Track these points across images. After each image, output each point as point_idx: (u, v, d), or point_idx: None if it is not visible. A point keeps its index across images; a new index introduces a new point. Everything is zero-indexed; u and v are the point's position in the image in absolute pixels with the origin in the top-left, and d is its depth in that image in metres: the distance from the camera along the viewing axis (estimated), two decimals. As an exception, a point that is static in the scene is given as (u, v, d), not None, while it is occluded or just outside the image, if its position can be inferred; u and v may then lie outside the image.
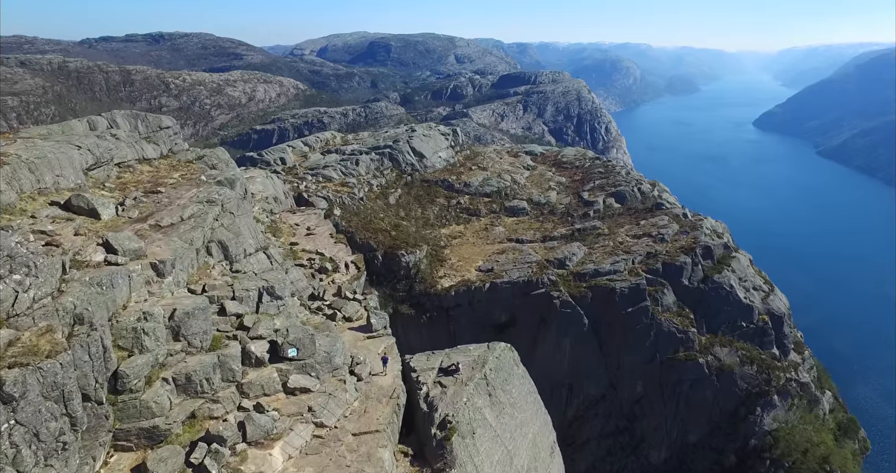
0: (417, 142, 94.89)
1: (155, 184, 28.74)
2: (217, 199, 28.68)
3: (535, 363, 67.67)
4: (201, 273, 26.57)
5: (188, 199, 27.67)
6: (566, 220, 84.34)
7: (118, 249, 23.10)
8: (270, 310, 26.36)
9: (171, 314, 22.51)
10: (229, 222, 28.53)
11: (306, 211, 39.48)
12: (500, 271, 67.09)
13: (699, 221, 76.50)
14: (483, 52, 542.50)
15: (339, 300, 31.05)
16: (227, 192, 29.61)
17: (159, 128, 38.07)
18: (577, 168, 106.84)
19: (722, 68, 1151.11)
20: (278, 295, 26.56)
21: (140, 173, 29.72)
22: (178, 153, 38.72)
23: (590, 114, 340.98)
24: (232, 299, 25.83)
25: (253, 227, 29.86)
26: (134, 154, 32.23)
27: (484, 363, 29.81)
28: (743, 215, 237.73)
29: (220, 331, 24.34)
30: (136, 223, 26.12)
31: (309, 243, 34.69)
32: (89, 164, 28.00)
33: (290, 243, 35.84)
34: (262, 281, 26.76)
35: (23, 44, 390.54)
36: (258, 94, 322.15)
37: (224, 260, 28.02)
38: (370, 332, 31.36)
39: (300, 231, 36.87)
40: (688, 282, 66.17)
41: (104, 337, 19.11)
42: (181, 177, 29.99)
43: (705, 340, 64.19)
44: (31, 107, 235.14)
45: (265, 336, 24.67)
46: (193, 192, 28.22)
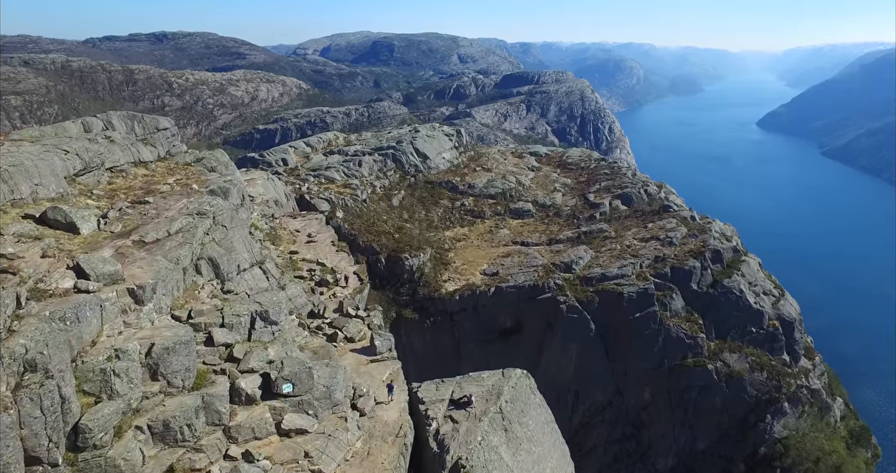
0: (421, 143, 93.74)
1: (146, 191, 27.07)
2: (208, 211, 26.50)
3: (540, 368, 66.58)
4: (188, 296, 24.35)
5: (177, 210, 25.72)
6: (572, 222, 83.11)
7: (90, 273, 20.64)
8: (264, 337, 23.99)
9: (148, 350, 19.85)
10: (221, 236, 26.51)
11: (307, 216, 37.95)
12: (505, 275, 65.90)
13: (707, 224, 75.18)
14: (486, 51, 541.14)
15: (341, 318, 28.83)
16: (220, 202, 27.50)
17: (156, 129, 36.94)
18: (583, 169, 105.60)
19: (726, 68, 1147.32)
20: (273, 320, 24.19)
21: (133, 178, 28.28)
22: (175, 156, 37.60)
23: (593, 114, 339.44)
24: (221, 326, 23.41)
25: (248, 240, 27.98)
26: (129, 157, 31.08)
27: (499, 393, 27.09)
28: (747, 216, 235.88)
29: (207, 364, 21.92)
30: (119, 239, 24.06)
31: (309, 251, 33.09)
32: (77, 169, 26.38)
33: (289, 251, 34.11)
34: (256, 304, 24.47)
35: (27, 43, 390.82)
36: (261, 93, 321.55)
37: (215, 279, 25.87)
38: (374, 355, 28.97)
39: (301, 238, 35.24)
40: (697, 287, 64.88)
41: (63, 385, 16.45)
42: (176, 182, 28.46)
43: (714, 346, 62.89)
44: (34, 106, 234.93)
45: (257, 369, 22.17)
46: (183, 203, 26.34)
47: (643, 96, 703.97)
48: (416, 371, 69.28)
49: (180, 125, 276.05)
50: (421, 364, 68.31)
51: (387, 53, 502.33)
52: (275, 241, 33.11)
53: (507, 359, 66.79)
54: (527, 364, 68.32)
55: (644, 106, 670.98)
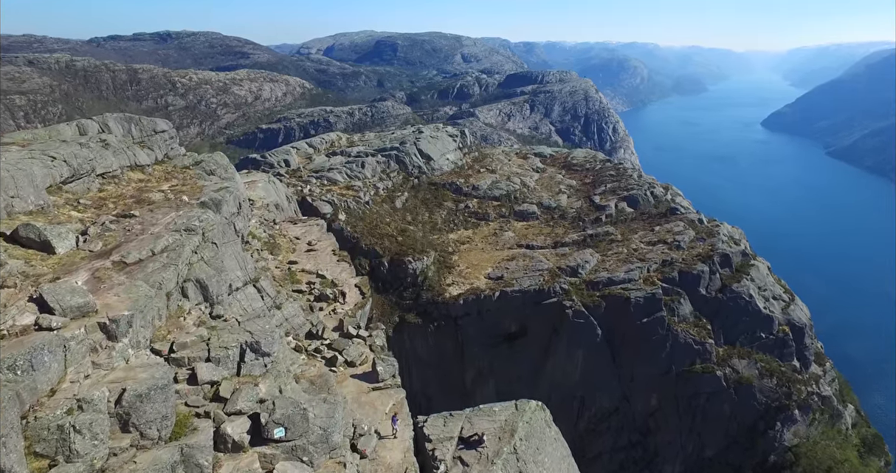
0: (425, 144, 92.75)
1: (137, 199, 25.50)
2: (197, 226, 24.28)
3: (545, 373, 65.70)
4: (172, 324, 21.95)
5: (164, 226, 23.72)
6: (577, 225, 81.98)
7: (55, 306, 17.90)
8: (255, 370, 21.39)
9: (119, 397, 16.99)
10: (211, 254, 24.23)
11: (308, 221, 36.66)
12: (510, 279, 64.85)
13: (715, 227, 73.94)
14: (489, 51, 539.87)
15: (341, 340, 26.68)
16: (211, 216, 25.14)
17: (154, 132, 35.98)
18: (588, 171, 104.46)
19: (730, 68, 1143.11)
20: (265, 351, 21.56)
21: (126, 184, 26.99)
22: (173, 158, 36.63)
23: (597, 114, 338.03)
24: (206, 360, 20.80)
25: (241, 256, 26.09)
26: (125, 161, 30.07)
27: (513, 430, 24.70)
28: (751, 216, 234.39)
29: (189, 406, 19.40)
30: (97, 260, 21.80)
31: (309, 261, 31.67)
32: (64, 177, 24.83)
33: (288, 261, 32.49)
34: (246, 334, 21.86)
35: (32, 43, 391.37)
36: (264, 93, 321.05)
37: (203, 302, 23.66)
38: (376, 382, 26.73)
39: (300, 246, 33.83)
40: (705, 291, 63.71)
41: (4, 453, 13.38)
42: (171, 189, 27.10)
43: (723, 351, 61.73)
44: (38, 106, 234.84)
45: (246, 411, 19.57)
46: (171, 216, 24.38)
47: (647, 96, 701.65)
48: (419, 377, 68.53)
49: (183, 125, 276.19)
50: (424, 369, 67.52)
51: (390, 53, 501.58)
52: (273, 250, 31.86)
53: (511, 364, 65.92)
54: (531, 369, 67.66)
55: (648, 106, 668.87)
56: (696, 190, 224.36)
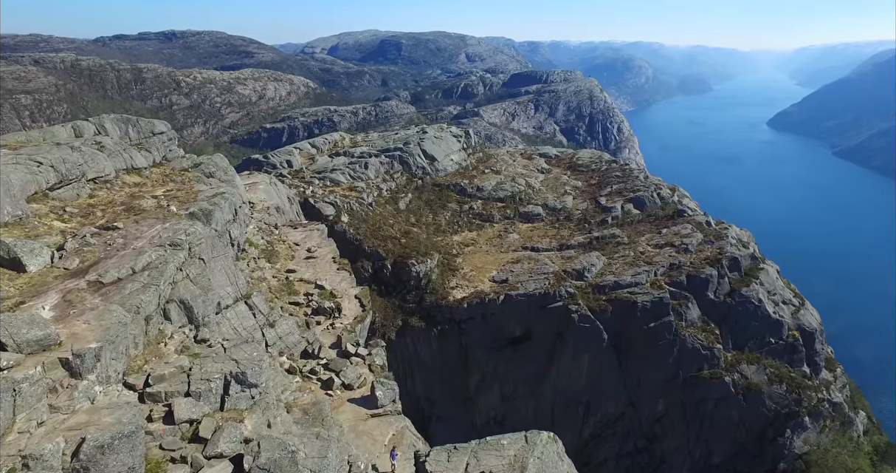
0: (429, 144, 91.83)
1: (127, 207, 23.99)
2: (183, 240, 22.42)
3: (550, 378, 64.76)
4: (150, 352, 19.74)
5: (148, 240, 22.02)
6: (583, 227, 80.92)
7: (8, 341, 15.75)
8: (241, 403, 19.11)
9: (76, 449, 14.31)
10: (198, 271, 22.33)
11: (309, 226, 35.50)
12: (514, 283, 63.90)
13: (724, 230, 72.76)
14: (494, 50, 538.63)
15: (338, 360, 24.90)
16: (199, 229, 23.26)
17: (152, 133, 35.18)
18: (594, 171, 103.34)
19: (735, 67, 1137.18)
20: (251, 382, 19.34)
21: (119, 189, 25.91)
22: (172, 161, 35.85)
23: (602, 113, 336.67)
24: (186, 395, 18.50)
25: (232, 271, 24.22)
26: (121, 164, 29.27)
27: (523, 467, 22.20)
28: (757, 217, 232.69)
29: (164, 449, 17.09)
30: (72, 279, 19.99)
31: (308, 269, 30.39)
32: (51, 183, 23.49)
33: (286, 269, 30.97)
34: (231, 362, 19.57)
35: (38, 42, 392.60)
36: (268, 92, 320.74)
37: (187, 325, 21.63)
38: (375, 407, 24.61)
39: (300, 253, 32.61)
40: (713, 296, 62.60)
41: None
42: (165, 194, 26.05)
43: (731, 357, 60.64)
44: (43, 105, 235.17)
45: (227, 453, 17.09)
46: (157, 229, 22.61)
47: (652, 96, 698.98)
48: (422, 381, 67.71)
49: (188, 124, 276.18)
50: (428, 374, 66.68)
51: (395, 52, 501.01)
52: (271, 258, 30.51)
53: (516, 369, 65.01)
54: (536, 374, 66.69)
55: (653, 105, 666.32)
56: (701, 190, 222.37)
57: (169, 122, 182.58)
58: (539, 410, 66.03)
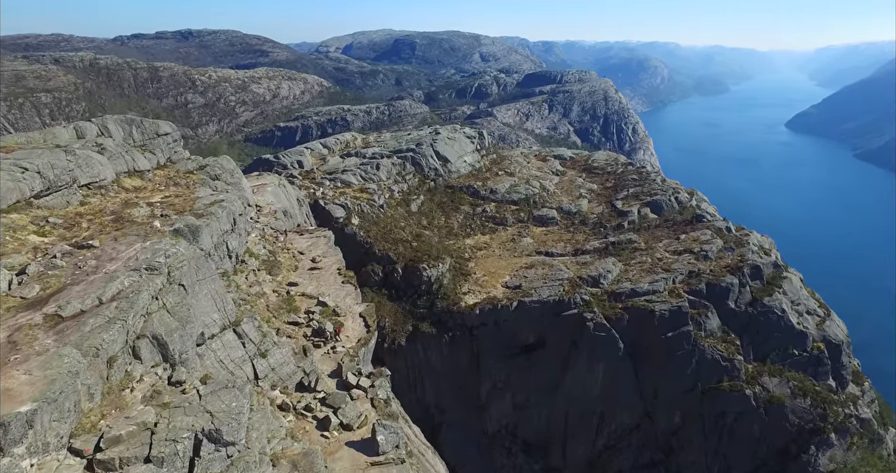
0: (442, 145, 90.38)
1: (118, 216, 21.88)
2: (161, 264, 19.43)
3: (564, 387, 62.98)
4: (110, 403, 16.25)
5: (123, 262, 19.16)
6: (599, 231, 79.01)
7: None
8: (213, 466, 15.78)
9: None
10: (176, 300, 19.22)
11: (315, 232, 34.03)
12: (528, 289, 62.23)
13: (745, 236, 70.43)
14: (508, 50, 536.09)
15: (337, 394, 21.84)
16: (181, 250, 20.32)
17: (156, 135, 34.13)
18: (609, 174, 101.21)
19: (753, 68, 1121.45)
20: (228, 440, 16.03)
21: (114, 196, 24.37)
22: (177, 163, 34.77)
23: (616, 114, 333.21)
24: (146, 460, 14.95)
25: (220, 295, 21.42)
26: (122, 167, 28.18)
27: None
28: (777, 221, 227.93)
29: None
30: (26, 312, 17.18)
31: (311, 282, 28.48)
32: (36, 190, 21.50)
33: (288, 282, 28.83)
34: (205, 416, 16.17)
35: (60, 42, 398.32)
36: (283, 91, 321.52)
37: (160, 364, 18.46)
38: (376, 454, 21.14)
39: (304, 263, 30.83)
40: (734, 305, 60.43)
41: None
42: (162, 200, 24.39)
43: (752, 369, 58.46)
44: (62, 103, 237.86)
45: None
46: (136, 249, 19.85)
47: (667, 96, 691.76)
48: (432, 388, 66.29)
49: (202, 122, 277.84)
50: (438, 380, 65.28)
51: (408, 51, 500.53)
52: (272, 270, 28.56)
53: (528, 377, 63.33)
54: (549, 383, 64.97)
55: (668, 106, 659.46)
56: (717, 193, 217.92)
57: (184, 120, 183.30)
58: (552, 419, 64.36)
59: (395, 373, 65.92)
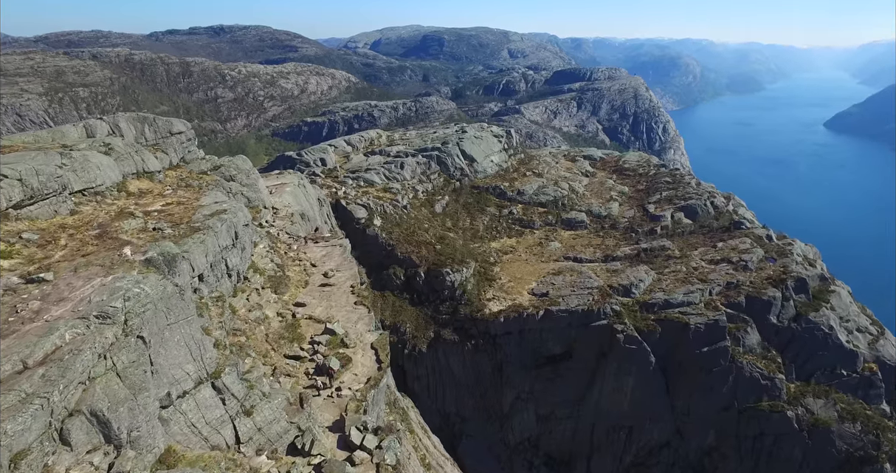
0: (468, 144, 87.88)
1: (104, 230, 19.06)
2: (117, 310, 15.12)
3: (590, 400, 60.16)
4: None
5: (73, 305, 15.16)
6: (630, 236, 75.63)
7: None
8: None
9: None
10: (131, 358, 14.82)
11: (331, 241, 31.68)
12: (556, 297, 59.47)
13: (788, 246, 66.31)
14: (537, 47, 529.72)
15: (335, 463, 17.29)
16: (147, 290, 16.06)
17: (170, 133, 32.56)
18: (641, 176, 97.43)
19: (791, 66, 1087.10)
20: None
21: (112, 202, 21.87)
22: (190, 163, 33.17)
23: (647, 113, 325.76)
24: None
25: (197, 340, 17.31)
26: (130, 168, 26.53)
27: None
28: (813, 225, 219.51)
29: None
30: None
31: (321, 303, 25.76)
32: (15, 200, 18.89)
33: (295, 302, 25.84)
34: None
35: (99, 38, 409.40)
36: (310, 86, 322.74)
37: (99, 447, 13.88)
38: None
39: (315, 278, 27.99)
40: (776, 320, 56.63)
41: None
42: (161, 209, 22.11)
43: (795, 389, 54.66)
44: (98, 98, 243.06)
45: None
46: (94, 285, 15.89)
47: (699, 95, 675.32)
48: (453, 397, 64.09)
49: (231, 117, 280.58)
50: (459, 389, 63.11)
51: (436, 47, 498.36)
52: (279, 287, 25.82)
53: (554, 389, 60.67)
54: (575, 396, 62.11)
55: (700, 105, 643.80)
56: (750, 195, 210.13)
57: (213, 114, 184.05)
58: (578, 433, 61.58)
59: (416, 380, 64.15)
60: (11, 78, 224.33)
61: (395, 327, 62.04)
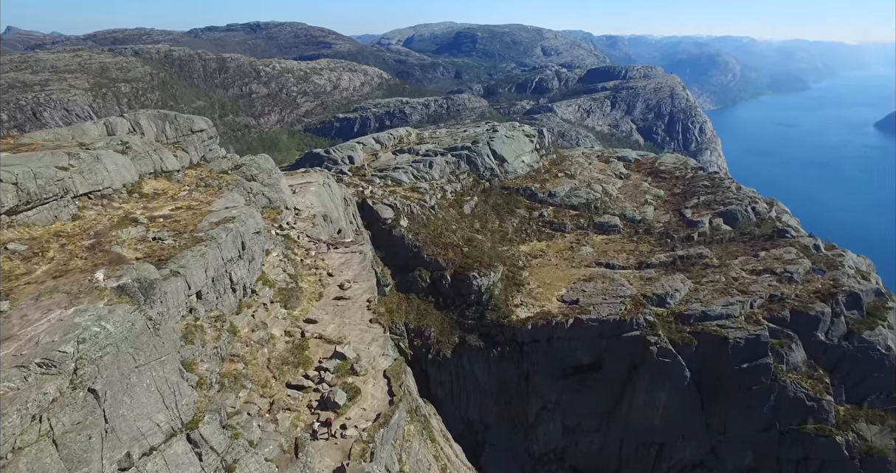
0: (499, 144, 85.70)
1: (98, 241, 16.94)
2: (66, 356, 12.57)
3: (620, 415, 57.62)
4: None
5: (15, 349, 12.62)
6: (665, 243, 72.42)
7: None
8: None
9: None
10: (75, 419, 12.08)
11: (351, 247, 29.82)
12: (586, 305, 57.04)
13: (838, 257, 62.25)
14: (571, 44, 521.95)
15: None
16: (110, 329, 13.56)
17: (191, 131, 31.60)
18: (678, 179, 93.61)
19: (839, 63, 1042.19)
20: None
21: (117, 207, 20.33)
22: (211, 161, 32.21)
23: (683, 112, 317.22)
24: None
25: (172, 383, 14.60)
26: (148, 167, 25.54)
27: None
28: (861, 234, 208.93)
29: None
30: None
31: (333, 320, 23.53)
32: (8, 206, 17.28)
33: (305, 319, 23.38)
34: None
35: (142, 35, 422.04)
36: (343, 82, 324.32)
37: None
38: None
39: (330, 289, 25.86)
40: (825, 337, 53.01)
41: None
42: (169, 215, 20.57)
43: (845, 412, 51.07)
44: (139, 92, 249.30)
45: None
46: (50, 320, 13.49)
47: (738, 94, 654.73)
48: (477, 404, 62.27)
49: (265, 112, 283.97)
50: (484, 397, 61.34)
51: (469, 44, 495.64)
52: (289, 301, 23.43)
53: (581, 400, 58.32)
54: (604, 409, 59.54)
55: (738, 104, 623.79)
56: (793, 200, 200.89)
57: (248, 109, 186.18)
58: (605, 447, 59.08)
59: (439, 386, 62.57)
60: (61, 74, 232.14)
61: (419, 330, 60.61)
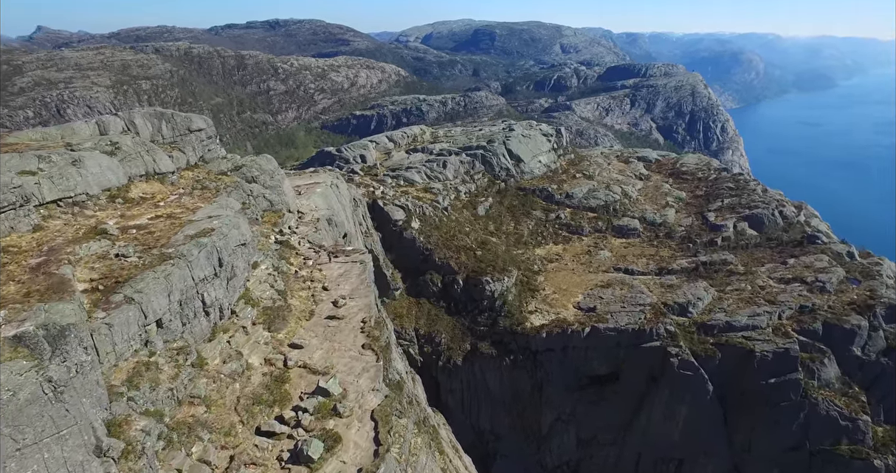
0: (515, 143, 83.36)
1: (44, 262, 15.00)
2: None
3: (637, 428, 55.16)
4: None
5: None
6: (687, 248, 69.55)
7: None
8: None
9: None
10: None
11: (351, 256, 27.88)
12: (603, 313, 54.62)
13: (875, 265, 58.91)
14: (590, 42, 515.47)
15: None
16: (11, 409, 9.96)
17: (188, 130, 30.04)
18: (700, 181, 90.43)
19: (870, 60, 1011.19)
20: None
21: (90, 215, 18.02)
22: (210, 162, 30.61)
23: (704, 111, 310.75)
24: None
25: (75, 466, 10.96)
26: (139, 169, 24.01)
27: None
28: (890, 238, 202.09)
29: None
30: None
31: (321, 345, 21.00)
32: None
33: (290, 343, 20.85)
34: None
35: (163, 33, 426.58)
36: (360, 79, 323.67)
37: None
38: None
39: (322, 307, 23.07)
40: (861, 353, 49.95)
41: None
42: (147, 223, 18.42)
43: (883, 433, 48.01)
44: (159, 90, 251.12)
45: None
46: None
47: (762, 92, 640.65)
48: (488, 414, 60.23)
49: (282, 109, 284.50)
50: (495, 406, 59.28)
51: (487, 42, 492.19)
52: (273, 323, 20.96)
53: (597, 412, 55.95)
54: (621, 422, 57.11)
55: (762, 103, 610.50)
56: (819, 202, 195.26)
57: (265, 106, 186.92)
58: (621, 462, 56.67)
59: (449, 394, 60.67)
60: (84, 72, 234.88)
61: (429, 336, 58.78)
